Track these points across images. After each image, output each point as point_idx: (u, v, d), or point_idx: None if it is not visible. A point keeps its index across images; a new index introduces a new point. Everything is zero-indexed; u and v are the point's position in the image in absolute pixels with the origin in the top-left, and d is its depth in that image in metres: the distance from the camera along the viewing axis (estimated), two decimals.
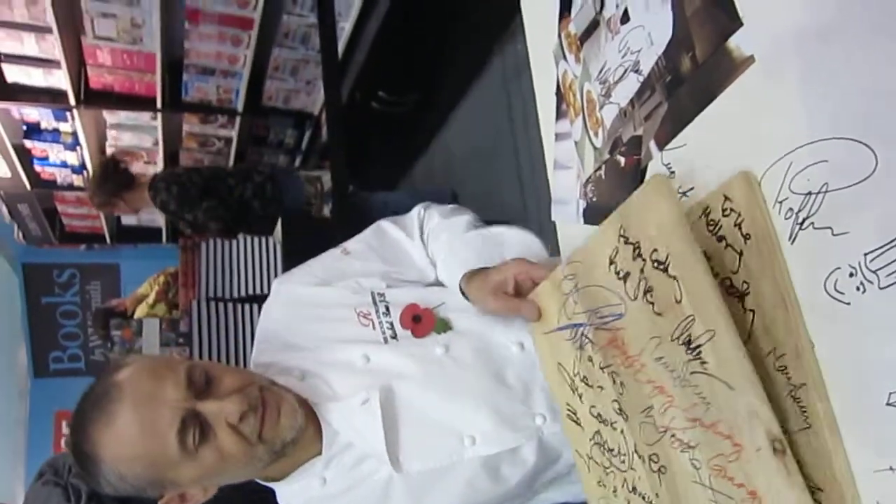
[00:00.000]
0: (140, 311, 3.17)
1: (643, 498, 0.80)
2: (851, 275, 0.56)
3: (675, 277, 0.66)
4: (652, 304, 0.70)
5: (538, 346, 0.97)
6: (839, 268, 0.57)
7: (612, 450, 0.85)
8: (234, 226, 2.81)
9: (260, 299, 2.46)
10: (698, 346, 0.65)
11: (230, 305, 2.42)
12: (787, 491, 0.60)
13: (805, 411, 0.60)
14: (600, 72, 0.88)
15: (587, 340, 0.84)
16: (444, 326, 1.06)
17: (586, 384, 0.87)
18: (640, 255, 0.70)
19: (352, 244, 1.19)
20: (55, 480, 1.55)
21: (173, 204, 2.80)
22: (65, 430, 5.82)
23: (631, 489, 0.82)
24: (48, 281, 6.05)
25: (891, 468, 0.54)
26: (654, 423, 0.74)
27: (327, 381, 1.04)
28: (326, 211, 2.80)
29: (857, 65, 0.56)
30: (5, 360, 5.73)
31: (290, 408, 0.96)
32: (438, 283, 1.15)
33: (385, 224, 1.21)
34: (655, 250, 0.68)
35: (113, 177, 2.95)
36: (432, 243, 1.17)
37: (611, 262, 0.75)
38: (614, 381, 0.80)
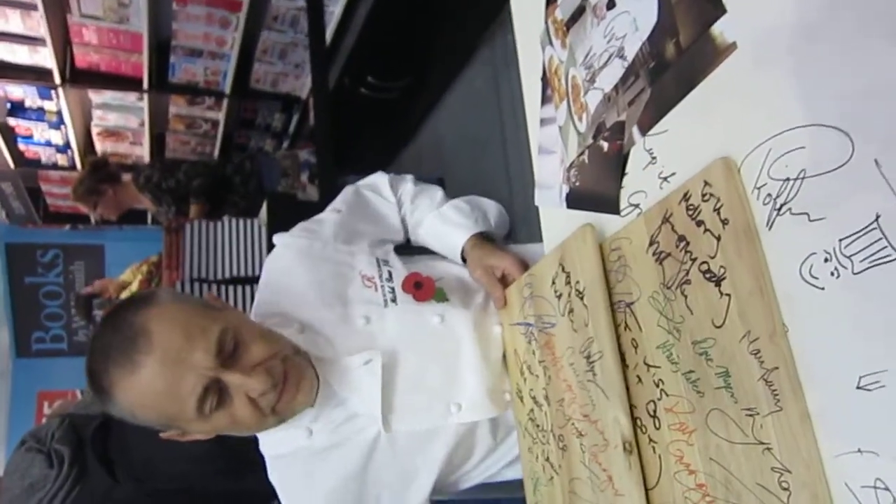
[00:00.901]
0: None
1: (552, 467, 0.98)
2: (826, 260, 0.57)
3: (586, 306, 0.86)
4: (572, 321, 0.90)
5: (505, 333, 1.12)
6: (814, 253, 0.58)
7: (538, 426, 1.01)
8: (216, 194, 2.83)
9: (244, 281, 2.45)
10: (593, 362, 0.85)
11: (214, 287, 2.41)
12: (627, 480, 0.79)
13: (777, 394, 0.60)
14: (585, 57, 0.88)
15: (533, 338, 1.01)
16: (442, 296, 1.11)
17: (529, 371, 1.03)
18: (569, 282, 0.91)
19: (338, 205, 1.25)
20: (37, 447, 1.55)
21: (156, 174, 2.85)
22: (46, 409, 5.80)
23: (545, 459, 1.00)
24: (31, 261, 5.98)
25: (858, 450, 0.55)
26: (563, 412, 0.94)
27: (326, 337, 1.06)
28: (304, 178, 2.85)
29: (839, 54, 0.57)
30: None
31: (308, 385, 0.99)
32: (408, 244, 1.25)
33: (355, 187, 1.30)
34: (578, 282, 0.89)
35: (98, 174, 2.98)
36: (409, 205, 1.27)
37: (552, 282, 0.95)
38: (545, 374, 0.98)
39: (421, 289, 1.10)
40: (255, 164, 2.96)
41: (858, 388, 0.54)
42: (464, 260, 1.18)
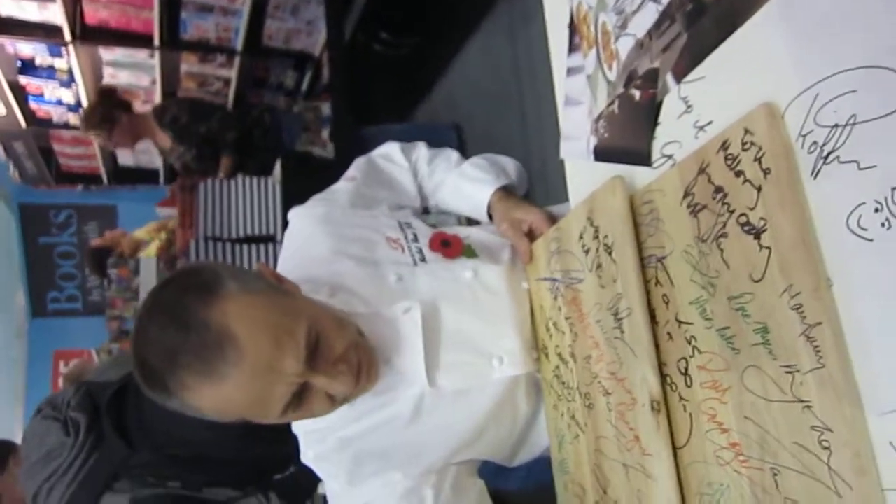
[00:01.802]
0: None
1: (577, 424, 0.97)
2: (877, 210, 0.54)
3: (615, 262, 0.84)
4: (600, 277, 0.88)
5: (532, 288, 1.10)
6: (864, 203, 0.55)
7: (564, 383, 1.00)
8: (241, 151, 2.77)
9: (258, 240, 2.45)
10: (621, 318, 0.83)
11: (228, 245, 2.40)
12: (655, 440, 0.78)
13: (819, 351, 0.58)
14: (616, 1, 0.85)
15: (559, 293, 1.00)
16: (471, 252, 1.09)
17: (555, 327, 1.01)
18: (597, 236, 0.88)
19: (352, 173, 1.23)
20: (54, 415, 1.55)
21: (185, 116, 2.74)
22: (62, 369, 5.87)
23: (571, 416, 0.99)
24: (45, 221, 6.02)
25: None
26: (589, 370, 0.92)
27: (360, 297, 1.02)
28: (325, 135, 2.77)
29: None
30: (3, 300, 5.74)
31: (375, 371, 0.95)
32: (425, 212, 1.23)
33: (367, 157, 1.28)
34: (607, 236, 0.86)
35: (110, 100, 2.92)
36: (426, 168, 1.25)
37: (580, 237, 0.93)
38: (571, 330, 0.97)
39: (449, 246, 1.08)
40: (274, 117, 2.89)
41: None
42: (490, 218, 1.16)
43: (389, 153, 1.28)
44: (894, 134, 0.53)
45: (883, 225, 0.53)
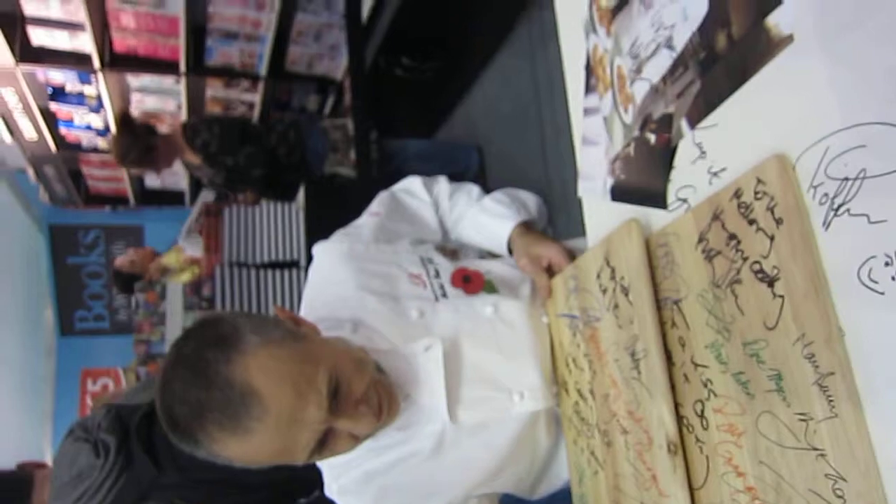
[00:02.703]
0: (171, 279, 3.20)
1: (597, 461, 0.98)
2: (887, 264, 0.55)
3: (631, 303, 0.86)
4: (617, 317, 0.89)
5: (551, 324, 1.11)
6: (874, 256, 0.56)
7: (583, 419, 1.01)
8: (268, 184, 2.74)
9: (282, 265, 2.48)
10: (638, 359, 0.84)
11: (252, 270, 2.43)
12: (672, 481, 0.79)
13: (832, 400, 0.59)
14: (632, 46, 0.86)
15: (578, 330, 1.01)
16: (492, 288, 1.10)
17: (574, 364, 1.03)
18: (613, 277, 0.90)
19: (375, 207, 1.24)
20: (85, 437, 1.58)
21: (215, 144, 2.73)
22: (90, 387, 5.94)
23: (591, 452, 1.00)
24: (73, 242, 6.13)
25: None
26: (608, 407, 0.93)
27: (381, 333, 1.04)
28: (353, 155, 2.72)
29: None
30: (32, 319, 5.83)
31: (396, 407, 0.96)
32: (447, 244, 1.24)
33: (390, 191, 1.30)
34: (623, 278, 0.88)
35: (137, 131, 2.92)
36: (447, 203, 1.27)
37: (597, 276, 0.95)
38: (590, 368, 0.98)
39: (470, 282, 1.09)
40: (298, 134, 2.85)
41: None
42: (510, 252, 1.17)
43: (411, 188, 1.30)
44: None
45: (894, 279, 0.54)
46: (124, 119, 2.99)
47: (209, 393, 0.81)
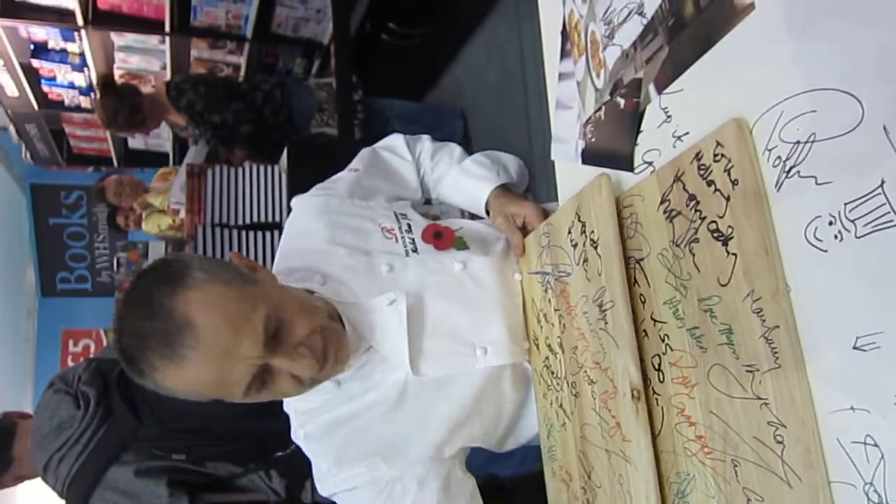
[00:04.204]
0: (147, 224, 3.20)
1: (565, 413, 1.01)
2: (831, 223, 0.58)
3: (600, 256, 0.88)
4: (586, 270, 0.92)
5: (524, 281, 1.13)
6: (820, 216, 0.59)
7: (553, 373, 1.04)
8: (256, 141, 2.73)
9: (264, 227, 2.49)
10: (605, 310, 0.87)
11: (235, 232, 2.45)
12: (634, 426, 0.82)
13: (776, 352, 0.62)
14: (605, 12, 0.88)
15: (549, 286, 1.03)
16: (462, 244, 1.13)
17: (545, 319, 1.05)
18: (584, 231, 0.92)
19: (356, 164, 1.26)
20: (65, 389, 1.61)
21: (200, 104, 2.72)
22: (72, 347, 5.95)
23: (559, 405, 1.03)
24: (55, 202, 6.08)
25: (851, 408, 0.57)
26: (576, 360, 0.96)
27: (349, 285, 1.07)
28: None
29: (852, 20, 0.57)
30: (14, 279, 5.81)
31: (345, 354, 0.98)
32: (427, 203, 1.27)
33: (372, 148, 1.31)
34: (593, 231, 0.90)
35: (120, 93, 2.89)
36: (429, 162, 1.29)
37: (569, 232, 0.96)
38: (560, 322, 1.01)
39: (441, 238, 1.12)
40: (284, 93, 2.83)
41: (855, 348, 0.56)
42: (487, 213, 1.20)
43: (394, 145, 1.32)
44: (848, 153, 0.57)
45: (836, 237, 0.58)
46: (107, 82, 2.96)
47: (151, 323, 0.86)
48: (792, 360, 0.61)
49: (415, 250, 1.11)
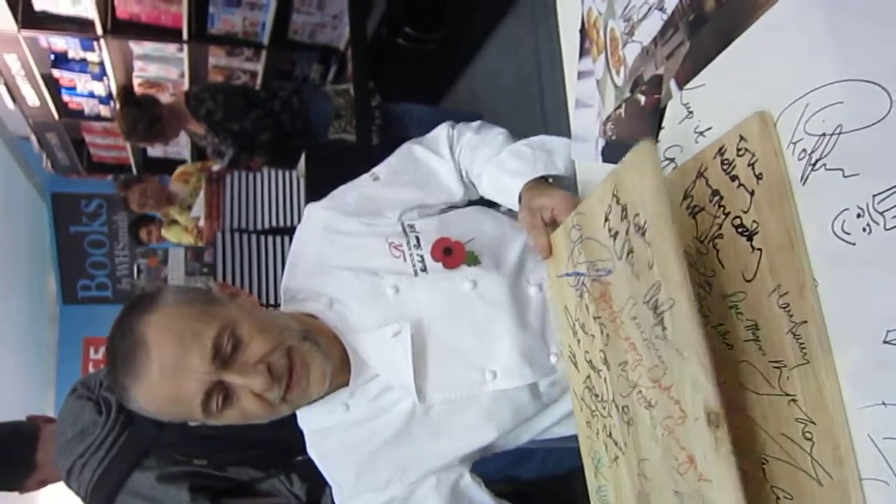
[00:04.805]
0: (168, 232, 3.21)
1: (616, 444, 0.85)
2: (859, 216, 0.57)
3: (649, 244, 0.69)
4: (632, 265, 0.73)
5: (552, 287, 1.02)
6: (847, 209, 0.58)
7: (597, 395, 0.89)
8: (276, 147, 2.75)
9: (283, 231, 2.50)
10: (661, 312, 0.68)
11: (254, 237, 2.46)
12: (714, 464, 0.62)
13: (804, 347, 0.62)
14: (625, 9, 0.88)
15: (585, 290, 0.87)
16: (474, 260, 1.07)
17: (583, 331, 0.90)
18: (625, 216, 0.73)
19: (380, 169, 1.20)
20: (87, 395, 1.62)
21: (220, 112, 2.75)
22: (93, 355, 6.01)
23: (608, 434, 0.87)
24: (76, 210, 6.15)
25: (882, 403, 0.56)
26: (627, 378, 0.78)
27: (355, 311, 1.06)
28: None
29: (880, 9, 0.56)
30: (36, 287, 5.88)
31: (318, 374, 0.98)
32: (466, 203, 1.20)
33: (412, 145, 1.22)
34: (637, 214, 0.70)
35: (140, 104, 2.93)
36: (469, 158, 1.19)
37: (605, 219, 0.78)
38: (602, 332, 0.84)
39: (451, 255, 1.07)
40: (301, 100, 2.85)
41: (885, 342, 0.55)
42: None
43: (437, 142, 1.22)
44: (876, 144, 0.56)
45: (864, 230, 0.57)
46: (126, 93, 3.00)
47: (119, 343, 0.93)
48: (820, 355, 0.60)
49: (423, 269, 1.07)
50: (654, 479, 0.75)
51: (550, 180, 1.09)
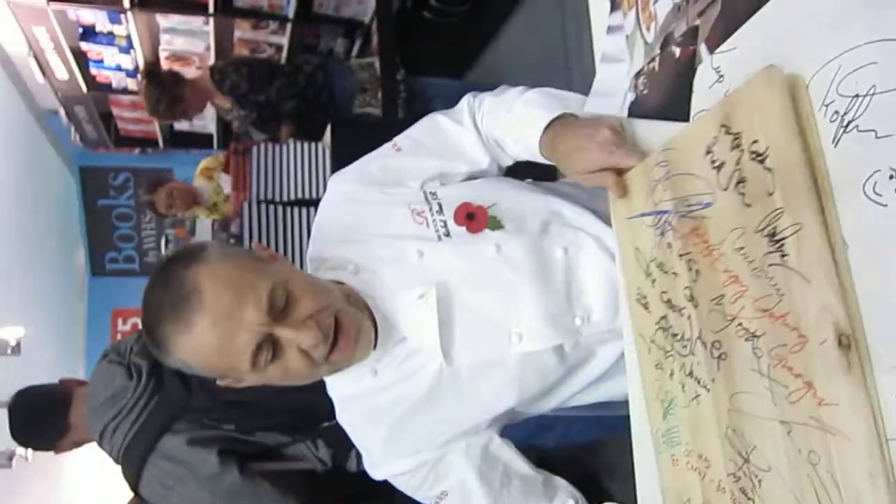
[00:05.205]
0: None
1: (698, 382, 0.82)
2: (891, 177, 0.57)
3: (770, 170, 0.68)
4: (743, 195, 0.72)
5: (618, 230, 1.00)
6: (879, 170, 0.58)
7: (675, 335, 0.87)
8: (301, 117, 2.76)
9: (308, 203, 2.52)
10: (782, 239, 0.67)
11: (279, 208, 2.48)
12: (844, 385, 0.61)
13: None
14: None
15: (669, 227, 0.86)
16: (496, 224, 1.08)
17: (661, 270, 0.88)
18: (738, 145, 0.72)
19: (402, 140, 1.20)
20: (118, 360, 1.66)
21: (245, 85, 2.79)
22: (121, 326, 6.10)
23: (688, 373, 0.84)
24: (104, 184, 6.23)
25: None
26: (722, 312, 0.77)
27: (381, 276, 1.07)
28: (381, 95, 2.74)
29: None
30: (64, 259, 5.97)
31: (366, 338, 1.01)
32: (490, 172, 1.19)
33: (436, 115, 1.22)
34: (756, 141, 0.70)
35: (163, 81, 2.96)
36: (489, 123, 1.17)
37: (707, 151, 0.77)
38: (690, 269, 0.82)
39: (474, 219, 1.07)
40: (327, 75, 2.86)
41: None
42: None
43: (460, 111, 1.21)
44: None
45: None
46: (150, 71, 3.04)
47: (165, 294, 0.92)
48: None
49: (447, 234, 1.07)
50: (750, 411, 0.74)
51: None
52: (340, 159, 2.49)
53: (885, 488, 0.58)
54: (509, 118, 1.12)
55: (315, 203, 2.49)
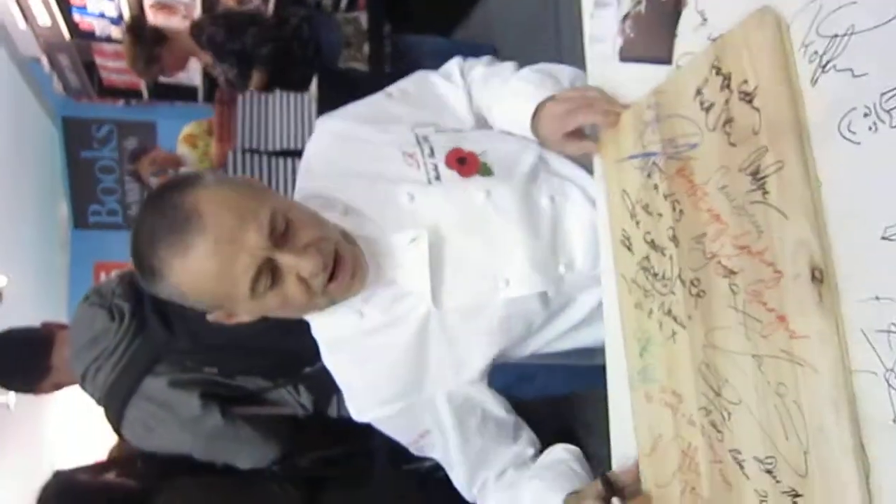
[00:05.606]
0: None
1: (675, 320, 0.85)
2: (866, 115, 0.58)
3: (757, 109, 0.69)
4: (728, 134, 0.73)
5: (606, 173, 1.01)
6: (854, 108, 0.59)
7: (656, 274, 0.89)
8: (280, 63, 2.74)
9: (294, 153, 2.51)
10: (764, 177, 0.69)
11: (265, 157, 2.47)
12: (816, 318, 0.63)
13: None
14: None
15: (656, 169, 0.87)
16: (487, 171, 1.08)
17: (646, 211, 0.90)
18: (728, 86, 0.73)
19: (394, 89, 1.20)
20: (100, 302, 1.66)
21: (221, 34, 2.76)
22: (103, 279, 6.08)
23: (666, 311, 0.87)
24: (87, 135, 6.13)
25: (876, 297, 0.58)
26: (702, 250, 0.79)
27: (370, 217, 1.07)
28: (367, 49, 2.73)
29: None
30: (47, 211, 5.90)
31: (363, 273, 1.00)
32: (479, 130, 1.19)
33: (426, 72, 1.23)
34: (745, 81, 0.71)
35: (143, 38, 2.92)
36: (480, 90, 1.19)
37: (697, 93, 0.78)
38: (674, 209, 0.84)
39: (465, 164, 1.08)
40: (312, 28, 2.83)
41: (883, 238, 0.57)
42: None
43: (448, 70, 1.23)
44: (887, 42, 0.56)
45: (870, 129, 0.58)
46: (132, 24, 2.99)
47: (161, 219, 0.90)
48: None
49: (437, 178, 1.07)
50: (725, 346, 0.76)
51: None
52: (326, 110, 2.48)
53: (847, 417, 0.61)
54: (504, 90, 1.14)
55: (301, 153, 2.48)
